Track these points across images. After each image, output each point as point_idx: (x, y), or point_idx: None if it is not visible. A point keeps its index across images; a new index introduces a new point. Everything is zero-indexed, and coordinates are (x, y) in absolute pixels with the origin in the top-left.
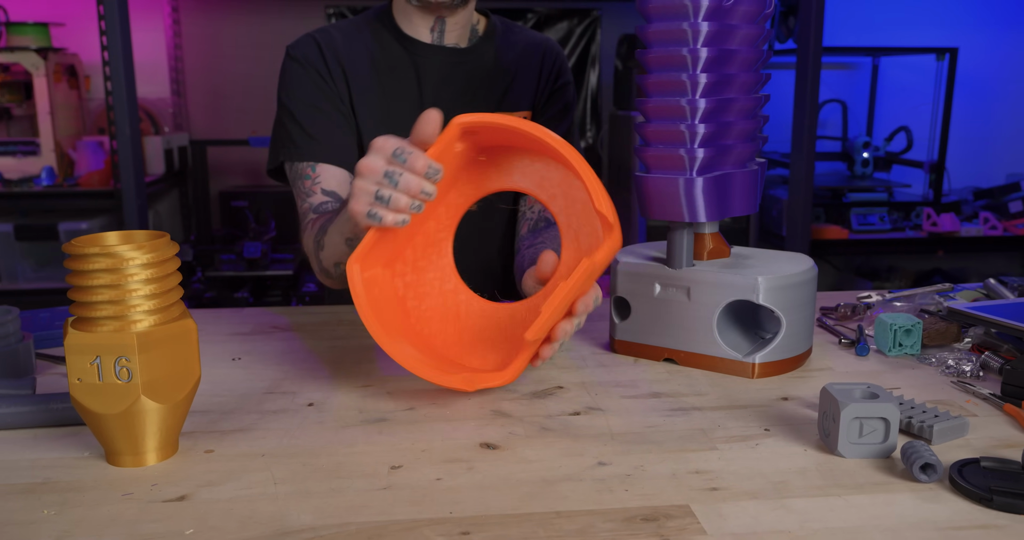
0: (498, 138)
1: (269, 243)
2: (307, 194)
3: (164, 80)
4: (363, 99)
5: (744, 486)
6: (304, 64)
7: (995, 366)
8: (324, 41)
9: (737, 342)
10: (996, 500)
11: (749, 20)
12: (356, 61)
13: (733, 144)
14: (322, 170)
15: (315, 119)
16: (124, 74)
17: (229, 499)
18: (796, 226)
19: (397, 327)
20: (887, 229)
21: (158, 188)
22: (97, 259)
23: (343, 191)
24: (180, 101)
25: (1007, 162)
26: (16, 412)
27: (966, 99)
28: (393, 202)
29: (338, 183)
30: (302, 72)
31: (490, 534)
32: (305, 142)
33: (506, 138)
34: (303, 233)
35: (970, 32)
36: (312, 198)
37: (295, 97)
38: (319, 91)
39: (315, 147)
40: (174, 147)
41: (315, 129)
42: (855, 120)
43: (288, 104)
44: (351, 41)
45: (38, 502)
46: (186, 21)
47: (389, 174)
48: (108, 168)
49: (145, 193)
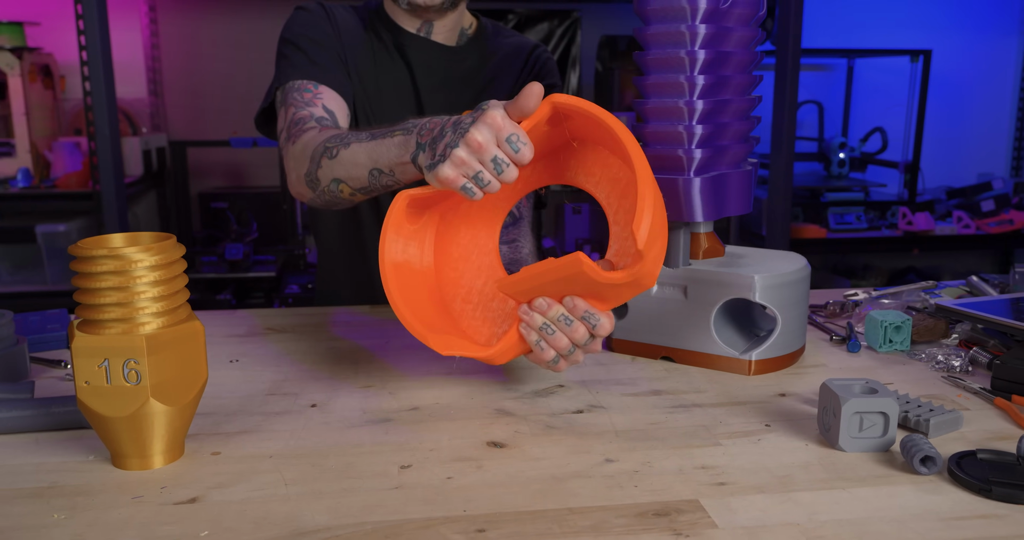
0: (583, 129)
1: (251, 244)
2: (306, 104)
3: (141, 80)
4: (356, 64)
5: (750, 480)
6: (312, 11)
7: (983, 361)
8: (328, 6)
9: (733, 340)
10: (995, 491)
11: (744, 23)
12: (351, 34)
13: (728, 145)
14: (324, 90)
15: (321, 52)
16: (103, 74)
17: (241, 501)
18: (776, 225)
19: (414, 281)
20: (864, 228)
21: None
22: (105, 261)
23: (342, 116)
24: (158, 101)
25: (978, 162)
26: (17, 416)
27: (939, 100)
28: (490, 187)
29: (338, 106)
30: (310, 17)
31: (506, 531)
32: (308, 67)
33: (590, 130)
34: (299, 132)
35: (944, 35)
36: (312, 108)
37: (300, 34)
38: (325, 36)
39: (320, 72)
40: (152, 148)
41: (321, 59)
42: (831, 121)
43: (293, 39)
44: (347, 18)
45: (47, 506)
46: (163, 20)
47: (497, 162)
48: (86, 169)
49: (125, 195)
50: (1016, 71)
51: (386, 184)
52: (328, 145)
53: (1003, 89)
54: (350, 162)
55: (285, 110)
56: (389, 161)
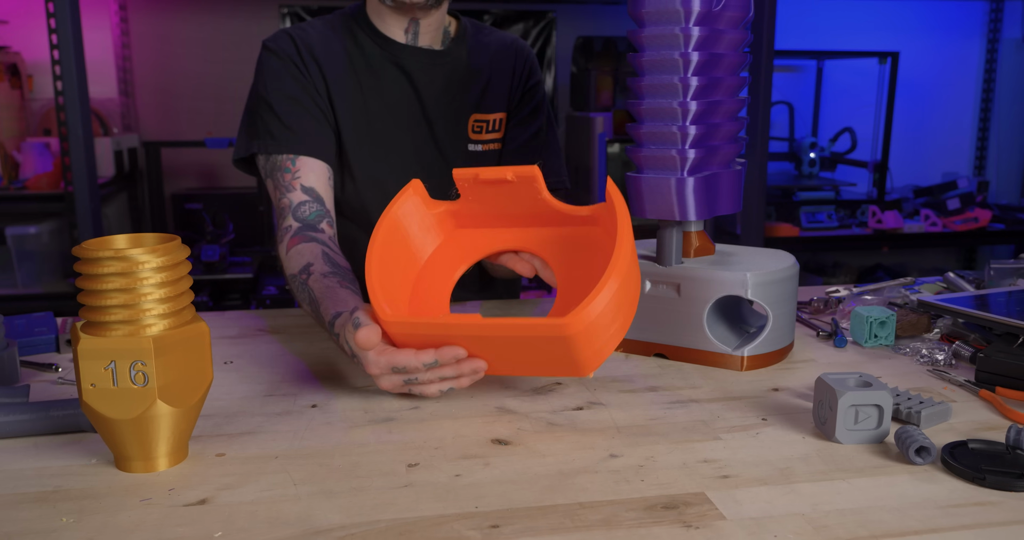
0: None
1: (227, 246)
2: (287, 188)
3: (112, 80)
4: (341, 95)
5: (753, 473)
6: (282, 56)
7: (966, 355)
8: (299, 37)
9: (725, 336)
10: (989, 479)
11: (734, 25)
12: (332, 58)
13: (720, 145)
14: (302, 164)
15: (294, 111)
16: (76, 73)
17: (251, 501)
18: (751, 224)
19: (398, 253)
20: (835, 226)
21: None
22: (110, 263)
23: (322, 187)
24: (129, 101)
25: (943, 161)
26: (16, 420)
27: (905, 100)
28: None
29: (317, 177)
30: (280, 64)
31: (519, 526)
32: (284, 134)
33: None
34: (279, 232)
35: (911, 37)
36: (292, 194)
37: (273, 89)
38: (297, 84)
39: (294, 140)
40: (124, 148)
41: (294, 121)
42: (801, 121)
43: (266, 96)
44: (326, 39)
45: (53, 510)
46: (134, 19)
47: (409, 382)
48: (57, 170)
49: (99, 196)
50: (979, 72)
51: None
52: (292, 275)
53: (966, 90)
54: (310, 308)
55: (272, 192)
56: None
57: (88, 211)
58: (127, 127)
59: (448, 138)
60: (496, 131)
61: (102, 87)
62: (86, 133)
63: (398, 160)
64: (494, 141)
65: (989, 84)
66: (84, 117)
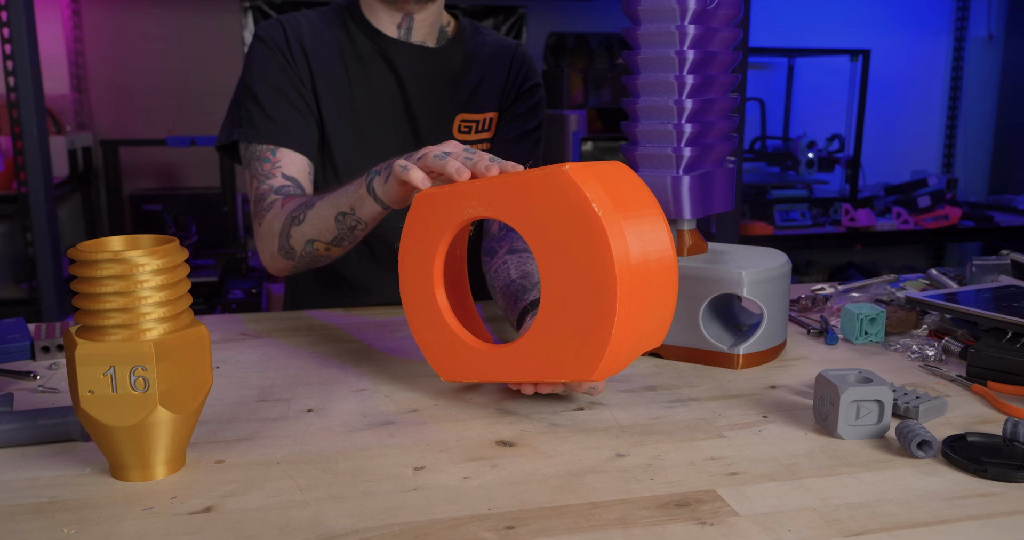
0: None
1: (190, 248)
2: (266, 176)
3: (64, 76)
4: (327, 87)
5: (760, 469)
6: (270, 45)
7: (955, 350)
8: (290, 26)
9: (719, 335)
10: (990, 471)
11: (727, 23)
12: (322, 49)
13: (713, 143)
14: (282, 155)
15: (277, 102)
16: (30, 69)
17: (258, 508)
18: (726, 223)
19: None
20: (808, 225)
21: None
22: (107, 265)
23: (302, 178)
24: (82, 98)
25: (913, 159)
26: (4, 430)
27: (875, 98)
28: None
29: (298, 169)
30: (268, 54)
31: (534, 527)
32: (265, 124)
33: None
34: (262, 211)
35: (881, 35)
36: (272, 180)
37: (258, 78)
38: (283, 74)
39: (276, 131)
40: (78, 147)
41: (276, 112)
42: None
43: (251, 84)
44: (318, 29)
45: (53, 522)
46: (87, 13)
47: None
48: (9, 170)
49: (55, 197)
50: (946, 71)
51: (351, 225)
52: (293, 214)
53: (934, 88)
54: (317, 217)
55: (249, 181)
56: (349, 201)
57: (43, 212)
58: (80, 125)
59: (431, 136)
60: (486, 131)
61: (53, 83)
62: (41, 131)
63: (379, 154)
64: (483, 141)
65: (957, 82)
66: (39, 114)
